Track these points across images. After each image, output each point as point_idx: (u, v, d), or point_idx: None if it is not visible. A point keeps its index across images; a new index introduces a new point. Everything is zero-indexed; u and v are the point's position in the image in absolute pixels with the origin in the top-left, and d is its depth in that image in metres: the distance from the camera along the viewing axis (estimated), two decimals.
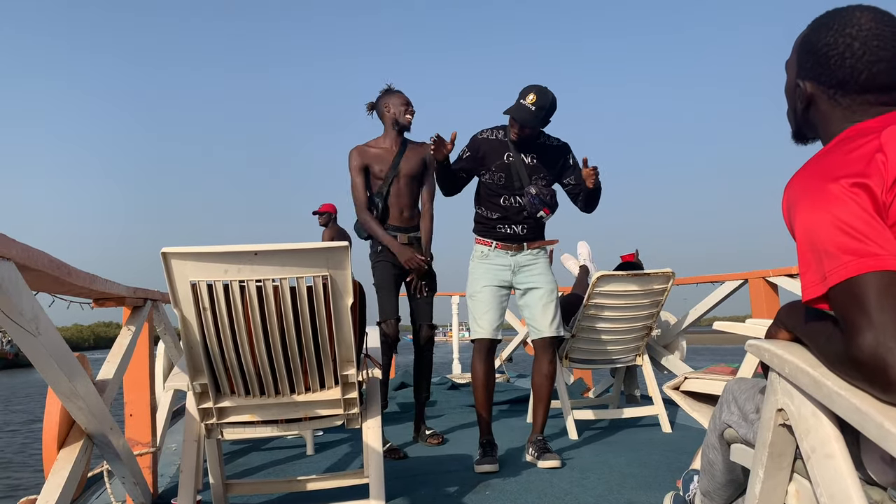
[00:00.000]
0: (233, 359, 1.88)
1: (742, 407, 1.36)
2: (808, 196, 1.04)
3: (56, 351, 1.47)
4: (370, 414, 2.14)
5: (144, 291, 2.59)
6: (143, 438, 2.66)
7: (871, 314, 0.91)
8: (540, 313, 3.14)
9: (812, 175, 1.06)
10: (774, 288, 4.29)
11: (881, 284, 0.92)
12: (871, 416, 0.91)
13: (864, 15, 1.12)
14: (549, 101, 2.99)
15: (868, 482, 1.07)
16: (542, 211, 3.05)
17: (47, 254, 1.44)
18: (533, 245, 3.20)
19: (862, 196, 0.98)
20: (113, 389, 2.11)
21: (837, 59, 1.13)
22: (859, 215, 0.96)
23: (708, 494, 1.57)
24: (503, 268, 3.15)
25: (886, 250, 0.94)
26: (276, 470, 3.19)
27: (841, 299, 0.96)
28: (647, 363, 4.00)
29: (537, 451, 3.06)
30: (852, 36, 1.11)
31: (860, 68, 1.11)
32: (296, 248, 1.77)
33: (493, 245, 3.17)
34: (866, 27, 1.11)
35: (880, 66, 1.10)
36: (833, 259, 0.97)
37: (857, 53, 1.11)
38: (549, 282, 3.19)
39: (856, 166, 1.00)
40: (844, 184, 0.99)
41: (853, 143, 1.05)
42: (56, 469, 1.69)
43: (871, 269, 0.93)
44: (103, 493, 2.64)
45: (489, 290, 3.14)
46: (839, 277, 0.95)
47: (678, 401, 2.83)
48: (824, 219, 0.99)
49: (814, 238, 1.00)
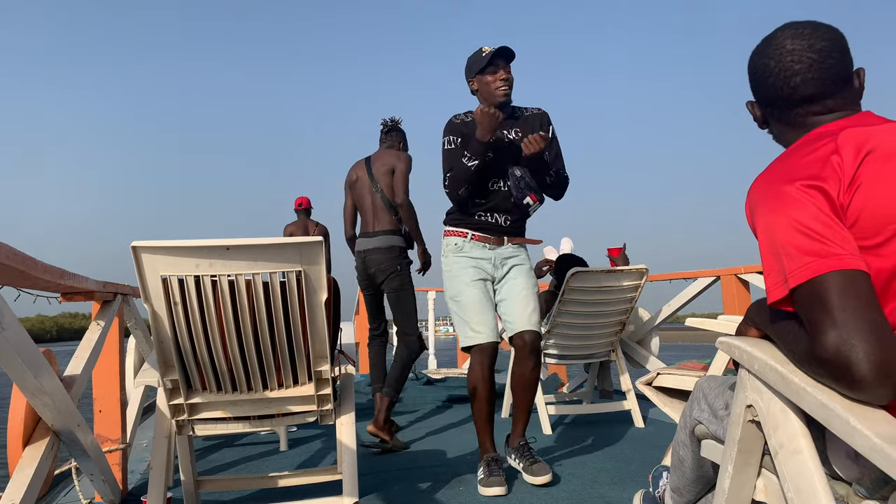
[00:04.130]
0: (204, 354, 1.85)
1: (712, 404, 1.38)
2: (767, 199, 1.06)
3: (21, 346, 1.44)
4: (344, 410, 2.13)
5: (114, 286, 2.55)
6: (112, 435, 2.62)
7: (834, 313, 0.93)
8: (518, 306, 2.75)
9: (771, 178, 1.09)
10: (746, 285, 4.36)
11: (842, 284, 0.94)
12: (837, 412, 0.92)
13: (785, 33, 1.18)
14: None
15: (834, 477, 1.09)
16: (528, 197, 2.75)
17: (10, 247, 1.41)
18: (514, 241, 2.85)
19: (818, 197, 1.00)
20: (81, 385, 2.07)
21: (762, 80, 1.21)
22: (816, 216, 0.99)
23: (678, 491, 1.58)
24: (484, 260, 2.79)
25: (845, 250, 0.96)
26: (248, 466, 3.16)
27: (804, 300, 0.98)
28: (621, 359, 4.04)
29: (524, 461, 2.70)
30: (769, 56, 1.18)
31: (779, 85, 1.18)
32: (269, 243, 1.75)
33: (468, 236, 2.80)
34: (782, 45, 1.17)
35: (796, 80, 1.15)
36: (793, 260, 0.99)
37: (775, 71, 1.18)
38: (531, 276, 2.85)
39: (811, 169, 1.03)
40: (800, 186, 1.02)
41: (811, 146, 1.08)
42: (21, 467, 1.66)
43: (831, 269, 0.95)
44: (71, 490, 2.60)
45: (478, 287, 2.76)
46: (800, 279, 0.97)
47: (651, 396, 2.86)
48: (782, 221, 1.01)
49: (774, 240, 1.03)
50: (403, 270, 3.68)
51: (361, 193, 3.80)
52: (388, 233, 3.69)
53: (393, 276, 3.65)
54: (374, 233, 3.71)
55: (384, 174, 3.73)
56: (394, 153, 3.80)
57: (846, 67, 1.15)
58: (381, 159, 3.80)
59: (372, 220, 3.74)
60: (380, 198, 3.72)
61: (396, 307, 3.71)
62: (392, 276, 3.65)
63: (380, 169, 3.75)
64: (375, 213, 3.73)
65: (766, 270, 1.05)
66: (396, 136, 3.96)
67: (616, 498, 2.39)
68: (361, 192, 3.80)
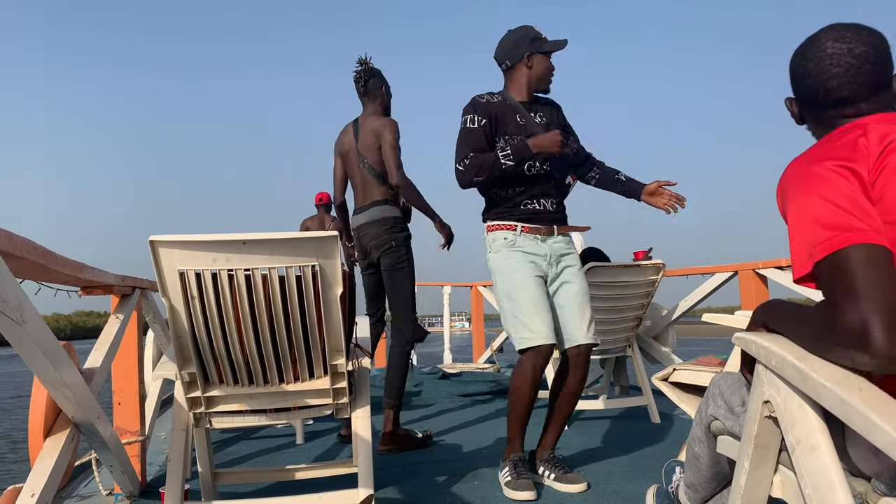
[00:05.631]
0: (221, 348, 1.87)
1: (728, 400, 1.37)
2: (797, 181, 1.10)
3: (41, 339, 1.46)
4: (359, 403, 2.14)
5: (133, 279, 2.58)
6: (131, 427, 2.65)
7: (856, 284, 0.95)
8: (576, 316, 2.59)
9: (802, 163, 1.12)
10: (764, 280, 4.31)
11: (865, 257, 0.97)
12: (856, 407, 0.91)
13: (826, 35, 1.20)
14: None
15: (852, 473, 1.08)
16: (569, 177, 2.62)
17: (31, 241, 1.43)
18: (563, 229, 2.67)
19: (848, 175, 1.04)
20: (101, 378, 2.09)
21: (801, 80, 1.24)
22: (845, 193, 1.02)
23: (693, 487, 1.58)
24: (539, 257, 2.58)
25: (869, 225, 0.99)
26: (265, 459, 3.19)
27: (827, 273, 1.00)
28: (637, 354, 4.02)
29: (556, 471, 2.55)
30: (809, 57, 1.21)
31: (816, 87, 1.20)
32: (284, 238, 1.76)
33: (517, 229, 2.59)
34: (823, 48, 1.19)
35: (832, 83, 1.18)
36: (818, 235, 1.02)
37: (813, 73, 1.20)
38: (584, 278, 2.68)
39: (842, 153, 1.07)
40: (830, 165, 1.06)
41: (841, 135, 1.12)
42: (42, 458, 1.68)
43: (854, 243, 0.98)
44: (91, 481, 2.64)
45: (533, 283, 2.53)
46: (824, 252, 1.00)
47: (667, 392, 2.85)
48: (811, 200, 1.05)
49: (802, 218, 1.06)
50: (399, 245, 3.32)
51: (351, 163, 3.46)
52: (379, 203, 3.34)
53: (388, 250, 3.30)
54: (364, 207, 3.38)
55: (370, 147, 3.36)
56: (378, 121, 3.39)
57: (885, 73, 1.18)
58: (366, 125, 3.41)
59: (362, 193, 3.42)
60: (367, 170, 3.38)
61: (394, 287, 3.33)
62: (387, 251, 3.30)
63: (366, 140, 3.38)
64: (364, 184, 3.40)
65: (793, 249, 1.08)
66: (375, 84, 3.46)
67: (632, 493, 2.38)
68: (350, 165, 3.47)
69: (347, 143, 3.48)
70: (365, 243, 3.38)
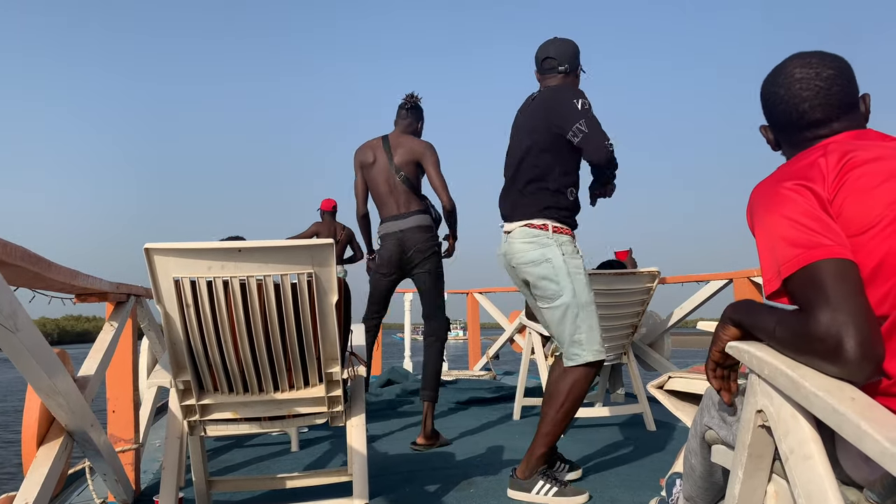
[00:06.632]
0: (216, 356, 1.86)
1: (721, 409, 1.37)
2: (763, 200, 1.15)
3: (35, 347, 1.46)
4: (354, 412, 2.14)
5: (128, 287, 2.57)
6: (125, 435, 2.64)
7: (828, 294, 0.99)
8: None
9: (768, 183, 1.18)
10: (759, 287, 4.32)
11: (834, 270, 1.01)
12: (848, 417, 0.92)
13: (793, 63, 1.26)
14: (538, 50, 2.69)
15: (844, 482, 1.09)
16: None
17: (25, 248, 1.43)
18: None
19: (807, 195, 1.09)
20: (95, 386, 2.09)
21: (773, 107, 1.29)
22: (807, 211, 1.07)
23: (691, 499, 1.58)
24: None
25: (833, 240, 1.03)
26: (259, 467, 3.18)
27: (797, 286, 1.04)
28: (633, 362, 4.02)
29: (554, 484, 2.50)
30: (779, 84, 1.26)
31: (789, 111, 1.25)
32: (280, 245, 1.77)
33: (574, 237, 2.56)
34: (792, 74, 1.24)
35: (804, 106, 1.23)
36: (785, 253, 1.06)
37: (784, 99, 1.25)
38: None
39: (802, 172, 1.13)
40: (790, 185, 1.11)
41: (805, 156, 1.18)
42: (35, 466, 1.68)
43: (822, 258, 1.02)
44: (85, 489, 2.63)
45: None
46: (792, 268, 1.04)
47: (662, 400, 2.84)
48: (775, 219, 1.10)
49: (768, 235, 1.11)
50: (438, 252, 3.64)
51: (376, 177, 3.61)
52: (420, 212, 3.58)
53: (431, 255, 3.58)
54: (406, 213, 3.56)
55: (407, 163, 3.58)
56: (416, 141, 3.64)
57: (852, 93, 1.23)
58: (402, 145, 3.62)
59: (396, 202, 3.58)
60: (401, 181, 3.56)
61: (434, 288, 3.62)
62: (431, 255, 3.58)
63: (402, 156, 3.58)
64: (397, 195, 3.58)
65: (762, 267, 1.12)
66: (416, 116, 3.75)
67: (626, 501, 2.38)
68: (377, 176, 3.61)
69: (377, 155, 3.65)
70: (408, 247, 3.56)
